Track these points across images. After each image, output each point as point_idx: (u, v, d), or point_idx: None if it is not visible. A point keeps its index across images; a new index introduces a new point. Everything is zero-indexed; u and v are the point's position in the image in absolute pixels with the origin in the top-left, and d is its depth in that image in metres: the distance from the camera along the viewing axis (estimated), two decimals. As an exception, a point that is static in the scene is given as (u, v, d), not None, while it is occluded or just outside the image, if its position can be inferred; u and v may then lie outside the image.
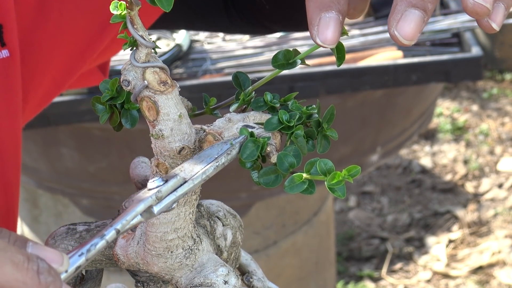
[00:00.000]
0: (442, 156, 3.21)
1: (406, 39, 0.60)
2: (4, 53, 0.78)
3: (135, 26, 0.61)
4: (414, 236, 2.85)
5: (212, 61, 1.63)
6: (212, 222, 0.73)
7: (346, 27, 0.65)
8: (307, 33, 1.69)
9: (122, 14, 0.61)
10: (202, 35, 1.73)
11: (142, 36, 0.61)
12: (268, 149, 0.63)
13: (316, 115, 0.67)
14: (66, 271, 0.57)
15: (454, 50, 1.65)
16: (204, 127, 0.66)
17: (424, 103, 1.83)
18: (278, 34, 1.71)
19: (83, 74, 0.90)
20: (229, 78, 1.55)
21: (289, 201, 1.91)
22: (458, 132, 3.33)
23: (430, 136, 3.32)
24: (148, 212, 0.60)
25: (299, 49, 0.66)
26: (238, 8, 0.93)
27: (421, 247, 2.81)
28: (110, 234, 0.58)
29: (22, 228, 1.95)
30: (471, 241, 2.82)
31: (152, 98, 0.63)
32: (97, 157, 1.65)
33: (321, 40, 0.61)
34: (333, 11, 0.61)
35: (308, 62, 0.65)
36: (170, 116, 0.63)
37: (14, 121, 0.80)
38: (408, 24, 0.60)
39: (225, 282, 0.66)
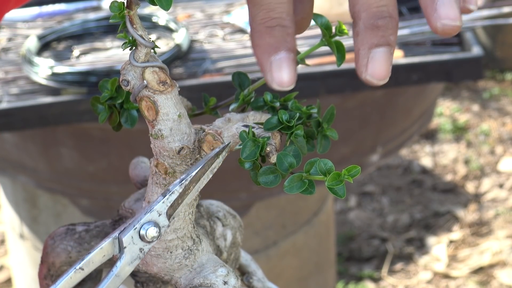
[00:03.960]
0: (443, 156, 3.21)
1: (380, 79, 0.60)
2: None
3: (134, 26, 0.61)
4: (414, 236, 2.85)
5: (212, 61, 1.63)
6: (211, 222, 0.73)
7: (346, 27, 0.65)
8: (307, 33, 1.69)
9: (121, 13, 0.60)
10: (202, 35, 1.73)
11: (141, 36, 0.61)
12: (268, 149, 0.63)
13: (316, 115, 0.67)
14: None
15: (454, 49, 1.65)
16: (204, 127, 0.65)
17: (425, 103, 1.83)
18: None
19: None
20: (229, 78, 1.55)
21: (289, 201, 1.91)
22: (459, 132, 3.33)
23: (431, 136, 3.32)
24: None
25: (299, 49, 0.66)
26: None
27: (422, 248, 2.81)
28: None
29: (22, 228, 1.95)
30: (471, 241, 2.81)
31: (151, 98, 0.63)
32: (97, 157, 1.65)
33: (278, 84, 0.61)
34: (281, 51, 0.61)
35: (308, 62, 0.65)
36: (169, 116, 0.63)
37: None
38: (378, 65, 0.60)
39: (225, 283, 0.66)
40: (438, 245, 2.80)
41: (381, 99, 1.70)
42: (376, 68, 0.59)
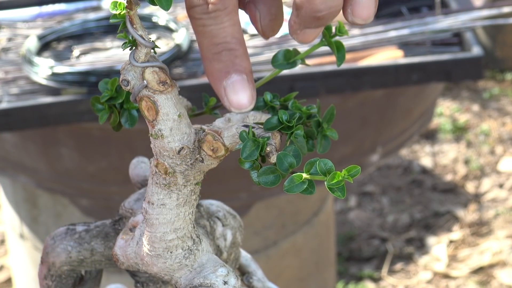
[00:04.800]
0: (443, 156, 3.21)
1: (366, 19, 0.62)
2: None
3: (134, 26, 0.61)
4: (414, 236, 2.85)
5: (212, 61, 1.63)
6: (211, 222, 0.73)
7: (346, 27, 0.65)
8: (307, 33, 1.69)
9: (121, 13, 0.60)
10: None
11: (141, 36, 0.61)
12: (268, 149, 0.63)
13: (316, 115, 0.67)
14: None
15: (454, 49, 1.65)
16: (204, 127, 0.65)
17: (425, 103, 1.83)
18: (278, 34, 1.70)
19: None
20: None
21: (289, 201, 1.91)
22: (459, 132, 3.33)
23: (431, 136, 3.32)
24: None
25: (299, 49, 0.66)
26: None
27: (422, 248, 2.81)
28: None
29: (22, 228, 1.95)
30: (471, 241, 2.81)
31: (151, 98, 0.63)
32: (97, 157, 1.65)
33: (236, 108, 0.62)
34: (232, 74, 0.61)
35: (308, 62, 0.65)
36: (169, 116, 0.63)
37: None
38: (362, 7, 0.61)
39: (225, 283, 0.66)
40: (438, 245, 2.80)
41: (381, 99, 1.70)
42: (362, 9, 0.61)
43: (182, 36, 1.65)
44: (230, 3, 0.60)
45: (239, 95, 0.61)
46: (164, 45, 1.66)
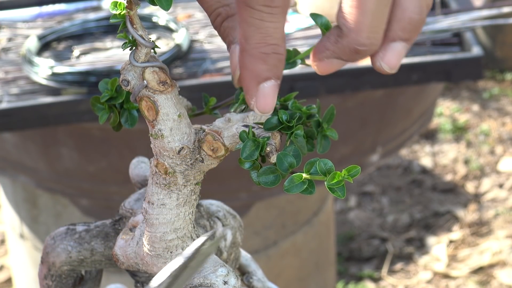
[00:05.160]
0: (443, 156, 3.21)
1: (393, 68, 0.62)
2: None
3: (134, 26, 0.61)
4: (414, 236, 2.85)
5: (212, 61, 1.63)
6: (211, 222, 0.73)
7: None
8: (307, 33, 1.69)
9: (122, 13, 0.60)
10: (202, 35, 1.73)
11: (141, 36, 0.61)
12: (268, 149, 0.63)
13: (316, 115, 0.67)
14: None
15: (454, 49, 1.65)
16: (204, 127, 0.65)
17: (425, 103, 1.83)
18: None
19: None
20: (229, 78, 1.55)
21: (289, 201, 1.91)
22: (459, 132, 3.33)
23: (431, 136, 3.32)
24: None
25: (299, 49, 0.66)
26: None
27: (422, 248, 2.81)
28: None
29: (22, 228, 1.95)
30: (471, 241, 2.81)
31: (151, 98, 0.63)
32: (97, 157, 1.65)
33: (261, 110, 0.61)
34: (272, 79, 0.60)
35: (308, 62, 0.65)
36: (169, 116, 0.63)
37: None
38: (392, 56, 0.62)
39: (225, 283, 0.66)
40: (438, 245, 2.80)
41: (381, 99, 1.70)
42: (392, 58, 0.61)
43: (182, 36, 1.65)
44: (288, 2, 0.58)
45: (268, 100, 0.60)
46: (164, 45, 1.66)
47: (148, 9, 1.78)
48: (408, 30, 0.61)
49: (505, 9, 1.70)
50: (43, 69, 1.57)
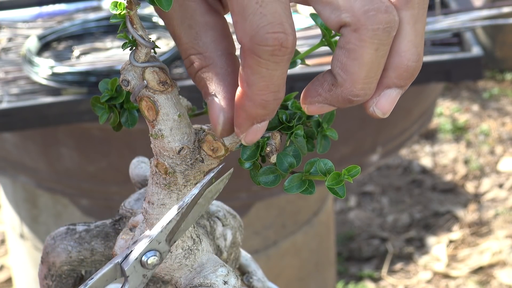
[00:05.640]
0: (443, 156, 3.21)
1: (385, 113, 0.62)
2: None
3: (134, 26, 0.61)
4: (414, 236, 2.85)
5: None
6: (211, 222, 0.73)
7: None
8: (307, 33, 1.69)
9: (122, 13, 0.60)
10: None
11: (141, 36, 0.61)
12: (268, 149, 0.63)
13: (316, 115, 0.67)
14: None
15: (454, 50, 1.65)
16: (204, 127, 0.65)
17: (425, 103, 1.83)
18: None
19: None
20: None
21: (289, 201, 1.91)
22: (459, 132, 3.33)
23: (431, 136, 3.32)
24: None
25: (299, 49, 0.66)
26: None
27: (422, 247, 2.81)
28: None
29: (22, 228, 1.95)
30: (471, 241, 2.81)
31: (151, 98, 0.63)
32: (97, 157, 1.65)
33: (246, 143, 0.61)
34: (266, 121, 0.60)
35: (308, 62, 0.65)
36: (169, 116, 0.63)
37: None
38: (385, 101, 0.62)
39: (225, 283, 0.66)
40: (438, 245, 2.80)
41: (381, 99, 1.70)
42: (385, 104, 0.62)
43: (182, 36, 1.65)
44: (294, 49, 0.57)
45: (257, 136, 0.60)
46: (164, 45, 1.66)
47: (148, 9, 1.78)
48: (404, 78, 0.60)
49: (505, 9, 1.70)
50: (43, 69, 1.57)
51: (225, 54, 0.61)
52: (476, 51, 1.61)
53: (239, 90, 0.59)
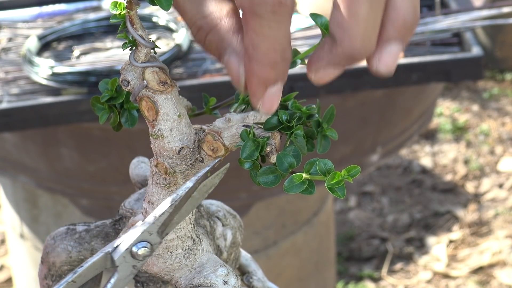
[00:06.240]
0: (443, 156, 3.21)
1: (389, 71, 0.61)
2: None
3: (134, 26, 0.61)
4: (414, 236, 2.85)
5: (212, 61, 1.63)
6: (211, 222, 0.73)
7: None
8: (307, 33, 1.69)
9: (122, 13, 0.60)
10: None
11: (141, 36, 0.61)
12: (268, 149, 0.63)
13: (316, 115, 0.67)
14: None
15: (454, 50, 1.65)
16: (204, 127, 0.65)
17: (425, 103, 1.83)
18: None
19: None
20: (229, 78, 1.55)
21: (289, 201, 1.91)
22: (459, 132, 3.33)
23: (431, 136, 3.32)
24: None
25: (299, 49, 0.66)
26: None
27: (422, 247, 2.81)
28: None
29: (22, 228, 1.95)
30: (471, 241, 2.81)
31: (151, 98, 0.63)
32: (97, 157, 1.65)
33: (266, 112, 0.61)
34: (279, 84, 0.60)
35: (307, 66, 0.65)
36: (169, 116, 0.63)
37: None
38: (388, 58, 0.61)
39: (225, 283, 0.66)
40: (438, 245, 2.80)
41: (381, 99, 1.70)
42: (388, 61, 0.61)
43: (182, 36, 1.65)
44: (294, 3, 0.58)
45: (274, 101, 0.61)
46: (164, 45, 1.66)
47: (148, 9, 1.78)
48: (402, 31, 0.61)
49: (505, 9, 1.70)
50: (43, 69, 1.57)
51: (230, 13, 0.61)
52: (476, 51, 1.61)
53: (246, 56, 0.59)
